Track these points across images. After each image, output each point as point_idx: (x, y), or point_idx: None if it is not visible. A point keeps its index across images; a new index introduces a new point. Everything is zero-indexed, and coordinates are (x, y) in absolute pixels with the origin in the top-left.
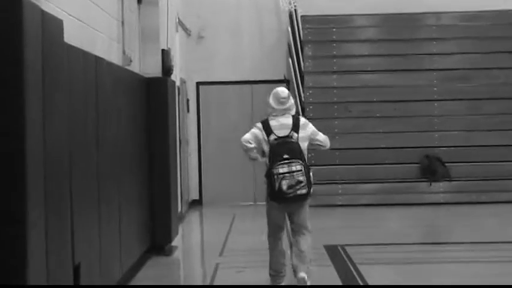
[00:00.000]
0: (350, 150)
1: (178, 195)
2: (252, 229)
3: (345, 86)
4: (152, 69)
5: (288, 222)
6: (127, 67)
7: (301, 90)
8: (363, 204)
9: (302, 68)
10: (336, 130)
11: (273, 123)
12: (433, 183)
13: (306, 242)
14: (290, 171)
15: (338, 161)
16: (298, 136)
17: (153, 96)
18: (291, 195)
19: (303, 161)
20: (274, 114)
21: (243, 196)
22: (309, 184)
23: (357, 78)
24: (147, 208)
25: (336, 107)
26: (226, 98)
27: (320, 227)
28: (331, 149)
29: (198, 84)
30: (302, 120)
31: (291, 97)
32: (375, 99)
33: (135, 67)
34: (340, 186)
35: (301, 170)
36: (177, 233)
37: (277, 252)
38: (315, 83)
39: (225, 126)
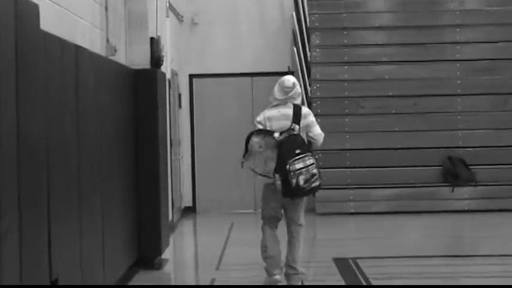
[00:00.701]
0: (362, 151)
1: (169, 202)
2: (253, 240)
3: (356, 78)
4: (140, 59)
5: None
6: (111, 57)
7: (307, 84)
8: (377, 212)
9: (308, 58)
10: (346, 128)
11: (272, 112)
12: (456, 189)
13: (298, 241)
14: (305, 165)
15: (349, 163)
16: (299, 127)
17: (141, 91)
18: (307, 189)
19: (312, 154)
20: (275, 104)
21: (242, 203)
22: (320, 176)
23: (371, 70)
24: (134, 216)
25: (346, 102)
26: (224, 93)
27: (329, 238)
28: (341, 149)
29: (192, 76)
30: (304, 109)
31: (297, 86)
32: (390, 94)
33: (120, 57)
34: (351, 191)
35: (313, 163)
36: (167, 245)
37: (272, 238)
38: (323, 75)
39: (222, 124)
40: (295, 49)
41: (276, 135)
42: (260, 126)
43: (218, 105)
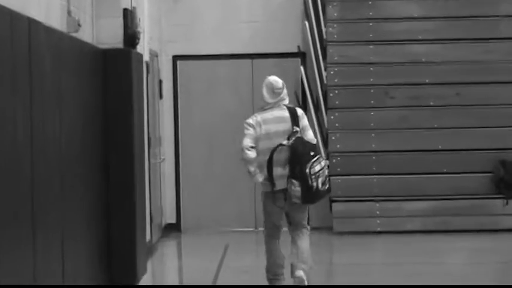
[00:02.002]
0: (392, 153)
1: (146, 217)
2: (253, 266)
3: (385, 61)
4: (110, 37)
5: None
6: (74, 34)
7: (321, 68)
8: (410, 230)
9: (324, 35)
10: (371, 125)
11: (266, 115)
12: (510, 201)
13: (304, 243)
14: (321, 167)
15: (375, 168)
16: (300, 130)
17: (111, 76)
18: (324, 190)
19: (321, 154)
20: (267, 107)
21: (239, 219)
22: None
23: (403, 51)
24: (103, 236)
25: (372, 91)
26: (216, 79)
27: (349, 263)
28: (365, 151)
29: (176, 58)
30: (299, 111)
31: (284, 86)
32: (427, 81)
33: (85, 34)
34: (377, 205)
35: (326, 165)
36: (145, 271)
37: (275, 253)
38: (342, 58)
39: (214, 119)
40: (306, 24)
41: (285, 142)
42: (250, 131)
43: (209, 95)
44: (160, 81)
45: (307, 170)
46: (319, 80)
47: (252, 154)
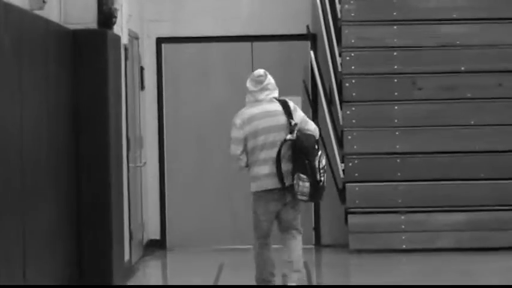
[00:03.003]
0: (419, 155)
1: (124, 232)
2: None
3: (411, 44)
4: (81, 15)
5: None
6: (38, 12)
7: (335, 52)
8: (441, 248)
9: (338, 14)
10: (395, 121)
11: (254, 111)
12: None
13: (297, 248)
14: (326, 162)
15: (400, 174)
16: (298, 123)
17: (82, 63)
18: (324, 188)
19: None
20: (253, 100)
21: (235, 235)
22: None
23: (433, 32)
24: (71, 256)
25: (396, 81)
26: (210, 65)
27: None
28: (388, 153)
29: (160, 41)
30: (291, 104)
31: (269, 75)
32: (462, 69)
33: (52, 12)
34: (403, 217)
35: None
36: None
37: (265, 258)
38: (361, 40)
39: (206, 114)
40: (318, 0)
41: (289, 136)
42: (235, 133)
43: (201, 85)
44: (141, 69)
45: (317, 164)
46: (332, 68)
47: (241, 162)
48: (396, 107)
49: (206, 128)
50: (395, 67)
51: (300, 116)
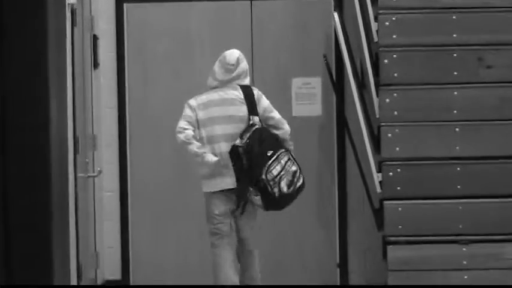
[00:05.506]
0: (488, 161)
1: (70, 270)
2: None
3: (478, 4)
4: None
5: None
6: None
7: (370, 16)
8: None
9: None
10: (454, 112)
11: (211, 96)
12: None
13: (255, 269)
14: (282, 167)
15: (461, 187)
16: (259, 118)
17: (10, 30)
18: (292, 193)
19: (284, 148)
20: (214, 86)
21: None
22: (301, 170)
23: None
24: None
25: (455, 55)
26: (192, 34)
27: None
28: (444, 158)
29: (122, 0)
30: (256, 92)
31: (243, 61)
32: None
33: None
34: (464, 249)
35: (290, 159)
36: None
37: (228, 263)
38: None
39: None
40: None
41: (238, 142)
42: (187, 112)
43: (180, 60)
44: (94, 39)
45: (264, 176)
46: (365, 36)
47: (187, 132)
48: (455, 93)
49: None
50: (455, 36)
51: (263, 105)
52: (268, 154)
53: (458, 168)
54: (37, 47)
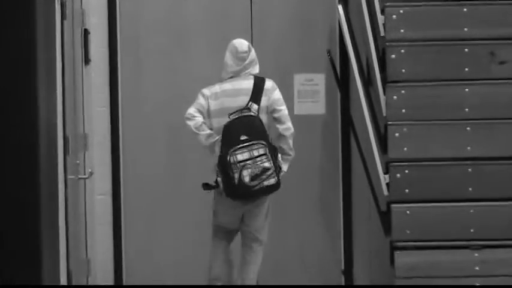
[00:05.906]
0: (501, 162)
1: (60, 277)
2: None
3: None
4: None
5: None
6: None
7: (377, 8)
8: None
9: None
10: (466, 110)
11: (225, 86)
12: None
13: (254, 266)
14: (251, 157)
15: (472, 189)
16: (258, 107)
17: None
18: (256, 187)
19: (266, 142)
20: (229, 77)
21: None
22: (277, 172)
23: None
24: None
25: (466, 50)
26: (189, 24)
27: None
28: (455, 159)
29: None
30: (268, 83)
31: (252, 49)
32: None
33: None
34: (476, 254)
35: (265, 154)
36: None
37: (222, 257)
38: None
39: (181, 99)
40: None
41: (220, 114)
42: (200, 100)
43: (175, 55)
44: (85, 33)
45: (228, 158)
46: (371, 31)
47: (196, 120)
48: (467, 90)
49: (182, 119)
50: (466, 30)
51: (273, 98)
52: (242, 138)
53: (470, 170)
54: (25, 41)
